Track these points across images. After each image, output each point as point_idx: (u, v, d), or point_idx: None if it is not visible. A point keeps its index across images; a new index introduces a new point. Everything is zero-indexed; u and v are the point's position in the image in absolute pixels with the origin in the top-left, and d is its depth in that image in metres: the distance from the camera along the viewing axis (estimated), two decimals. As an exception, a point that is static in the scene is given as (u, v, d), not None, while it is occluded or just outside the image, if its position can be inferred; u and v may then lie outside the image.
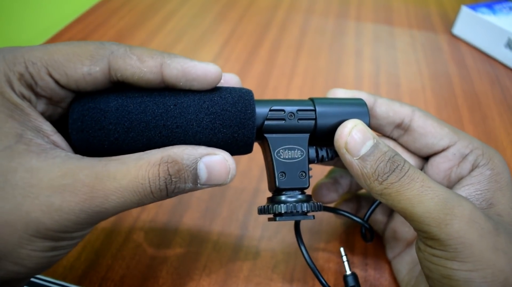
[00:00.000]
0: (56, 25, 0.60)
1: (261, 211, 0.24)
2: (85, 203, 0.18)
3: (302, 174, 0.23)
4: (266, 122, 0.23)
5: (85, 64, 0.20)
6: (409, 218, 0.21)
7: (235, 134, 0.22)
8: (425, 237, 0.21)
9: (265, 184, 0.37)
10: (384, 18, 0.67)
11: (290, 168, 0.23)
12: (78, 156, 0.19)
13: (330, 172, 0.30)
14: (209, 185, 0.21)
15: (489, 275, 0.19)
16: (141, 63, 0.20)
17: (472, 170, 0.24)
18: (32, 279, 0.29)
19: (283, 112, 0.23)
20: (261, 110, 0.23)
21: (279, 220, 0.23)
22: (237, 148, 0.23)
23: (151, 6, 0.67)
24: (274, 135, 0.23)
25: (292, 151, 0.23)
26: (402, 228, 0.28)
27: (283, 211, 0.23)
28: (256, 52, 0.56)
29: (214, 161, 0.21)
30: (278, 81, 0.50)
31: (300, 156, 0.23)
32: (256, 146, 0.25)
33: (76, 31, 0.59)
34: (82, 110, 0.20)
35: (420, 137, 0.26)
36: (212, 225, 0.33)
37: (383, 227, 0.31)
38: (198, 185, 0.21)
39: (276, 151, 0.23)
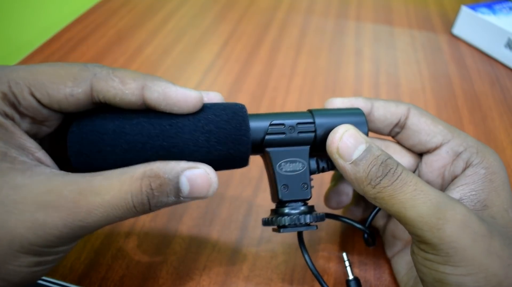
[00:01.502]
0: (56, 25, 0.60)
1: (266, 223, 0.24)
2: (68, 219, 0.18)
3: (304, 186, 0.24)
4: (267, 137, 0.23)
5: (68, 86, 0.20)
6: (403, 222, 0.21)
7: (231, 151, 0.22)
8: (418, 241, 0.21)
9: (264, 184, 0.37)
10: (384, 18, 0.67)
11: (292, 181, 0.24)
12: (63, 172, 0.20)
13: (336, 177, 0.30)
14: (191, 198, 0.21)
15: (481, 279, 0.19)
16: (123, 85, 0.20)
17: (465, 168, 0.24)
18: (32, 279, 0.29)
19: (283, 126, 0.24)
20: (261, 124, 0.23)
21: (283, 232, 0.23)
22: (233, 163, 0.23)
23: (151, 6, 0.67)
24: (275, 148, 0.24)
25: (293, 164, 0.24)
26: (400, 227, 0.28)
27: (286, 224, 0.23)
28: (256, 52, 0.56)
29: (196, 174, 0.21)
30: (278, 81, 0.51)
31: (301, 168, 0.24)
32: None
33: (76, 31, 0.59)
34: (81, 133, 0.21)
35: (414, 134, 0.26)
36: (212, 225, 0.33)
37: (383, 225, 0.31)
38: (181, 198, 0.21)
39: (278, 164, 0.24)
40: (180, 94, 0.21)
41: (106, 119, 0.21)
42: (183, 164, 0.21)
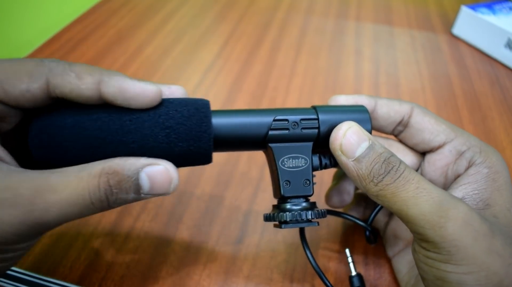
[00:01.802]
0: (56, 25, 0.60)
1: (267, 218, 0.24)
2: (25, 216, 0.18)
3: (306, 182, 0.24)
4: (270, 132, 0.23)
5: (24, 81, 0.20)
6: (405, 220, 0.21)
7: (191, 147, 0.22)
8: (420, 239, 0.21)
9: (264, 184, 0.37)
10: (384, 18, 0.67)
11: (294, 177, 0.24)
12: (21, 169, 0.20)
13: (337, 176, 0.30)
14: (152, 194, 0.21)
15: (482, 278, 0.19)
16: (79, 80, 0.20)
17: (468, 167, 0.24)
18: (32, 279, 0.29)
19: (286, 122, 0.24)
20: (264, 120, 0.23)
21: (284, 228, 0.23)
22: (194, 160, 0.23)
23: (151, 6, 0.67)
24: (278, 144, 0.24)
25: (296, 160, 0.24)
26: (402, 227, 0.28)
27: (288, 219, 0.23)
28: (256, 52, 0.56)
29: (156, 171, 0.21)
30: (278, 81, 0.51)
31: (304, 164, 0.24)
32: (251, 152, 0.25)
33: (76, 31, 0.59)
34: (40, 127, 0.21)
35: (417, 132, 0.26)
36: (212, 225, 0.33)
37: (383, 225, 0.31)
38: (142, 195, 0.21)
39: (281, 160, 0.24)
40: (137, 88, 0.21)
41: (66, 114, 0.21)
42: (143, 160, 0.21)
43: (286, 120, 0.24)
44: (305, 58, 0.56)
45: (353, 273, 0.28)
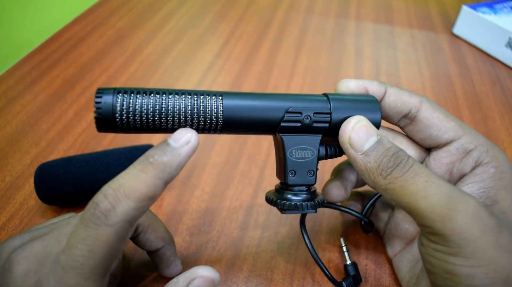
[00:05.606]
0: (56, 25, 0.60)
1: (269, 201, 0.25)
2: None
3: (310, 172, 0.24)
4: (282, 123, 0.23)
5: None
6: (413, 213, 0.21)
7: None
8: (429, 232, 0.21)
9: (264, 184, 0.36)
10: (384, 18, 0.67)
11: (300, 167, 0.24)
12: None
13: (336, 170, 0.30)
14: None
15: (491, 271, 0.19)
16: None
17: (475, 167, 0.24)
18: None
19: (299, 115, 0.24)
20: (278, 109, 0.23)
21: (284, 213, 0.24)
22: None
23: (150, 6, 0.67)
24: (288, 135, 0.24)
25: (304, 151, 0.24)
26: (403, 225, 0.28)
27: (289, 208, 0.24)
28: (256, 52, 0.56)
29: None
30: (278, 81, 0.50)
31: (311, 155, 0.24)
32: (250, 144, 0.25)
33: (76, 30, 0.59)
34: (42, 176, 0.31)
35: (425, 128, 0.26)
36: (212, 225, 0.33)
37: (384, 225, 0.31)
38: None
39: (289, 150, 0.24)
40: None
41: (59, 166, 0.32)
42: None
43: (299, 113, 0.24)
44: (305, 58, 0.56)
45: (348, 262, 0.28)
